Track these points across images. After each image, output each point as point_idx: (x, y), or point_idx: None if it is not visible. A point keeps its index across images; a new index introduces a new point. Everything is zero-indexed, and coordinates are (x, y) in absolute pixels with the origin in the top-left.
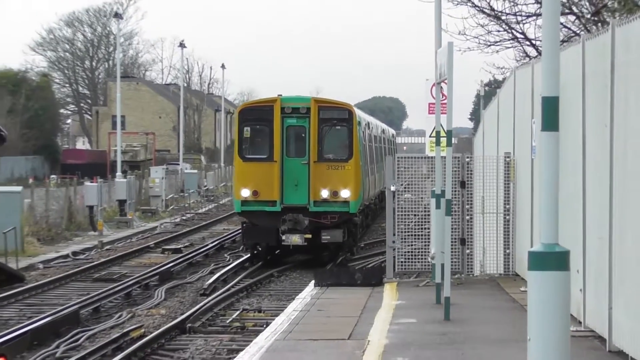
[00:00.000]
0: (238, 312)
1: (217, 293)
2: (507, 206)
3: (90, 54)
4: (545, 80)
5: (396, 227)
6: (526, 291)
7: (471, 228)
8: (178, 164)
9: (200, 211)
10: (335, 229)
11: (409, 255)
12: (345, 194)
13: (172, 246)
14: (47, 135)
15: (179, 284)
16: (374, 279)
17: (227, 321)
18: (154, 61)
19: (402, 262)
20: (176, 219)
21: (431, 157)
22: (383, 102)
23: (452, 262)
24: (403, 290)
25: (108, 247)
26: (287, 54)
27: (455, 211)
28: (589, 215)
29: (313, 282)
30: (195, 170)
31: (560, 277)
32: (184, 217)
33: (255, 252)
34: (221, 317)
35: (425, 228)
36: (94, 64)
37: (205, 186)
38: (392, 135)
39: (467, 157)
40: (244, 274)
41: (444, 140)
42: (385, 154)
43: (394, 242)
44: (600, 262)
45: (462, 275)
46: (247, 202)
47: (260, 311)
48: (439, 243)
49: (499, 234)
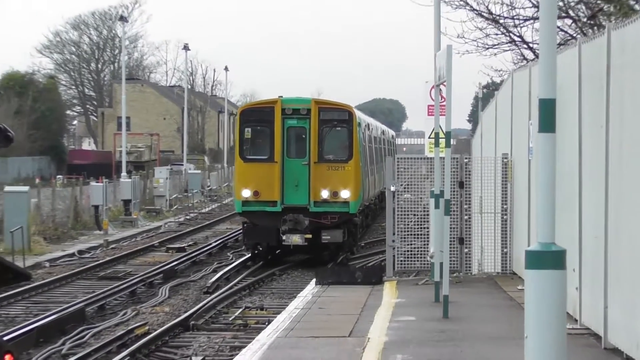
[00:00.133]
0: (240, 310)
1: (220, 291)
2: (505, 206)
3: (96, 57)
4: (542, 83)
5: (396, 226)
6: (523, 289)
7: (469, 227)
8: (182, 165)
9: (203, 211)
10: (335, 229)
11: (408, 254)
12: (345, 194)
13: (176, 245)
14: (54, 136)
15: (182, 282)
16: (374, 277)
17: (230, 319)
18: (159, 63)
19: (401, 261)
20: (180, 218)
21: (430, 158)
22: (383, 104)
23: (450, 261)
24: (402, 288)
25: (113, 246)
26: (288, 56)
27: (454, 211)
28: (585, 215)
29: (314, 280)
30: (199, 171)
31: (556, 276)
32: (187, 217)
33: (256, 252)
34: (224, 315)
35: (424, 227)
36: (99, 66)
37: (208, 186)
38: (392, 136)
39: (466, 158)
40: (246, 273)
41: (443, 142)
42: (385, 155)
43: (393, 241)
44: (596, 261)
45: (461, 273)
46: (248, 202)
47: (262, 309)
48: (437, 242)
49: (496, 234)
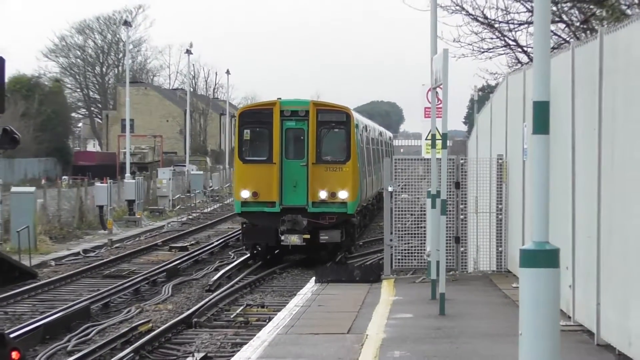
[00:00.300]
0: (242, 308)
1: (222, 289)
2: (500, 206)
3: (101, 60)
4: (536, 86)
5: (394, 226)
6: (518, 287)
7: (465, 227)
8: (184, 166)
9: (205, 211)
10: (333, 229)
11: (405, 253)
12: (343, 195)
13: (179, 244)
14: (59, 138)
15: (185, 281)
16: (372, 275)
17: (232, 316)
18: (162, 67)
19: (399, 259)
20: (182, 218)
21: (427, 159)
22: (381, 106)
23: (447, 259)
24: (400, 286)
25: (117, 245)
26: (288, 60)
27: (450, 211)
28: (578, 215)
29: (314, 278)
30: (201, 172)
31: (550, 274)
32: (190, 217)
33: (255, 251)
34: (226, 312)
35: (421, 227)
36: (104, 69)
37: (210, 187)
38: (390, 137)
39: (462, 159)
40: (247, 271)
41: (440, 143)
42: (383, 156)
43: (391, 240)
44: (589, 260)
45: (457, 272)
46: (247, 202)
47: (263, 306)
48: (434, 241)
49: (492, 233)
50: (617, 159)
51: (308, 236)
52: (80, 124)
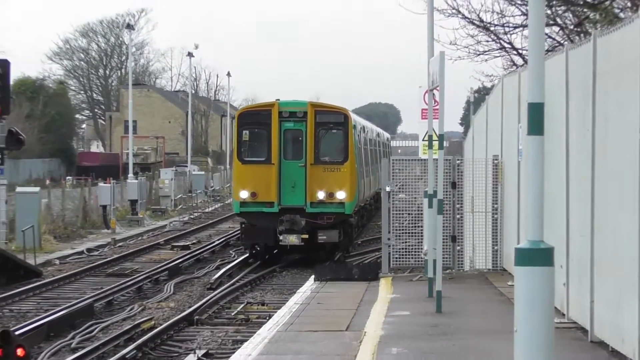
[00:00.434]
0: (243, 305)
1: (223, 287)
2: (495, 205)
3: (104, 63)
4: (531, 88)
5: (391, 225)
6: (513, 285)
7: (461, 226)
8: (186, 166)
9: (207, 210)
10: (331, 229)
11: (403, 252)
12: (341, 195)
13: (181, 243)
14: (63, 139)
15: (187, 279)
16: (370, 274)
17: (233, 314)
18: (164, 69)
19: (396, 258)
20: (184, 217)
21: (424, 160)
22: (379, 108)
23: (443, 258)
24: (397, 284)
25: (120, 244)
26: (288, 63)
27: (447, 210)
28: (572, 214)
29: (313, 277)
30: (203, 172)
31: (545, 272)
32: (191, 216)
33: (253, 251)
34: (227, 310)
35: (418, 226)
36: (107, 72)
37: (211, 187)
38: (387, 138)
39: (458, 160)
40: (248, 270)
41: (436, 144)
42: (380, 157)
43: (389, 239)
44: (583, 258)
45: (453, 270)
46: (246, 203)
47: (263, 304)
48: (431, 240)
49: (487, 232)
50: (610, 160)
51: (306, 236)
52: (84, 126)
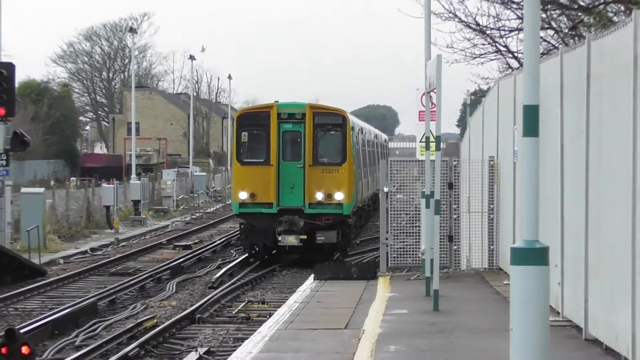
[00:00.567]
0: (243, 304)
1: (224, 286)
2: (491, 206)
3: (107, 66)
4: (526, 90)
5: (389, 225)
6: (509, 284)
7: (458, 226)
8: (188, 167)
9: (208, 210)
10: (329, 230)
11: (401, 251)
12: (339, 196)
13: (183, 243)
14: (68, 141)
15: (188, 278)
16: (368, 273)
17: (234, 312)
18: (166, 72)
19: (394, 257)
20: (186, 217)
21: (421, 161)
22: (377, 110)
23: (440, 257)
24: (395, 283)
25: (123, 243)
26: (288, 65)
27: (444, 210)
28: (566, 214)
29: (312, 276)
30: (204, 173)
31: (540, 271)
32: (193, 216)
33: (253, 252)
34: (228, 309)
35: (415, 226)
36: (110, 75)
37: (213, 187)
38: (385, 140)
39: (455, 161)
40: (248, 269)
41: (433, 145)
42: (378, 158)
43: (387, 239)
44: (577, 258)
45: (450, 269)
46: (245, 204)
47: (264, 303)
48: (428, 240)
49: (483, 232)
50: (604, 161)
51: (305, 237)
52: (87, 127)
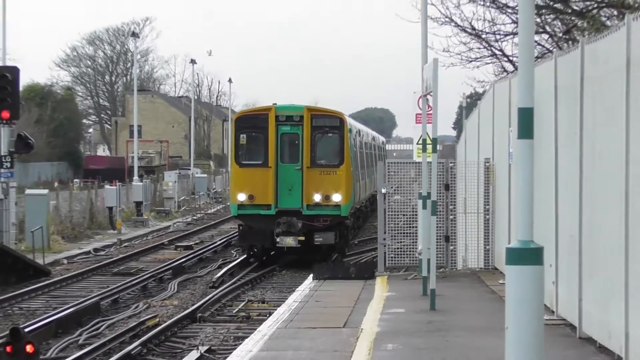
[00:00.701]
0: (244, 303)
1: (225, 286)
2: (487, 206)
3: (110, 70)
4: (521, 93)
5: (387, 225)
6: (504, 283)
7: (454, 227)
8: (189, 169)
9: (209, 211)
10: (327, 231)
11: (398, 252)
12: (336, 198)
13: (184, 243)
14: (71, 143)
15: (190, 278)
16: (366, 272)
17: (234, 311)
18: (168, 76)
19: (392, 257)
20: (187, 218)
21: (418, 163)
22: (375, 113)
23: (437, 257)
24: (393, 283)
25: (126, 244)
26: (288, 68)
27: (440, 211)
28: (560, 215)
29: (311, 275)
30: (205, 175)
31: (535, 271)
32: (194, 217)
33: (251, 253)
34: (228, 308)
35: (413, 227)
36: (113, 78)
37: (214, 189)
38: (382, 142)
39: (451, 163)
40: (249, 269)
41: (430, 147)
42: (376, 160)
43: (384, 239)
44: (571, 258)
45: (447, 269)
46: (243, 205)
47: (263, 302)
48: (425, 240)
49: (479, 232)
50: (597, 163)
51: (303, 238)
52: (90, 130)
